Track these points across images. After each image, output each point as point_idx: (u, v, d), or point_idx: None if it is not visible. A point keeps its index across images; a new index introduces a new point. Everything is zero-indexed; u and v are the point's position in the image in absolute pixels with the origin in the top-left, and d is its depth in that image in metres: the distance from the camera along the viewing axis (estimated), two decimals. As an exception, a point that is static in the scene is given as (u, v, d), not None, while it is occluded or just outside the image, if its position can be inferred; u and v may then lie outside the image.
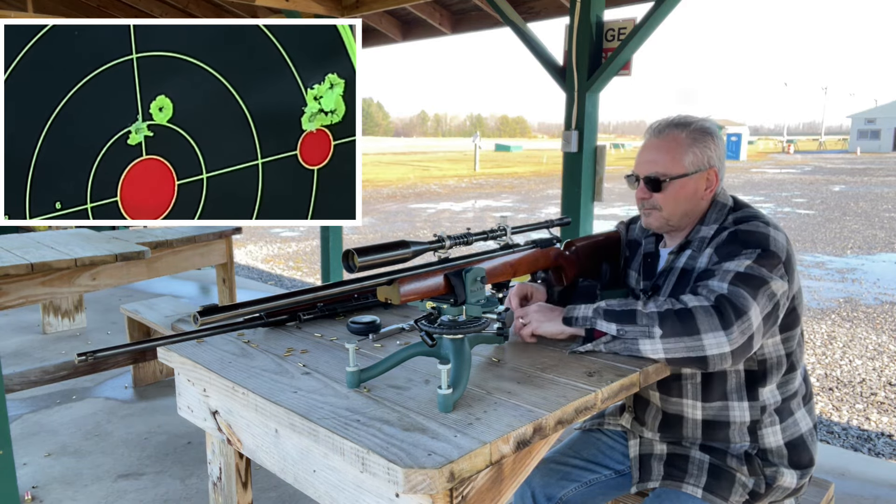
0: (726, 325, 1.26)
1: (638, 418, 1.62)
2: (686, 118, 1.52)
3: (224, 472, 1.53)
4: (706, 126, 1.51)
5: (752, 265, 1.34)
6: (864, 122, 55.44)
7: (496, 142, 73.51)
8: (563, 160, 3.74)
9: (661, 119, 1.55)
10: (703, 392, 1.49)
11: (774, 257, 1.36)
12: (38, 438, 3.15)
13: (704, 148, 1.48)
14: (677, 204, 1.50)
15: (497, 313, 1.28)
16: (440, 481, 0.94)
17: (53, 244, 3.20)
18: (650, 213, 1.53)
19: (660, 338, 1.29)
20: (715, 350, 1.26)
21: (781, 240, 1.40)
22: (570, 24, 3.56)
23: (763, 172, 27.68)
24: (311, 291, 1.15)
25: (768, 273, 1.34)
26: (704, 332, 1.26)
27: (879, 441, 3.57)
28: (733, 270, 1.34)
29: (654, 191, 1.50)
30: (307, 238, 10.86)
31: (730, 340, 1.26)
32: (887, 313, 6.17)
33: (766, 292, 1.32)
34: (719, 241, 1.44)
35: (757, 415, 1.49)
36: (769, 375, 1.48)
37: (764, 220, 1.45)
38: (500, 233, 1.46)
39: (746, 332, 1.27)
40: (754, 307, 1.29)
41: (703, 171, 1.49)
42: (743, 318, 1.27)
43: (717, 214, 1.51)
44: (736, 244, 1.39)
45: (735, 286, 1.30)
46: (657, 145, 1.51)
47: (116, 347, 1.38)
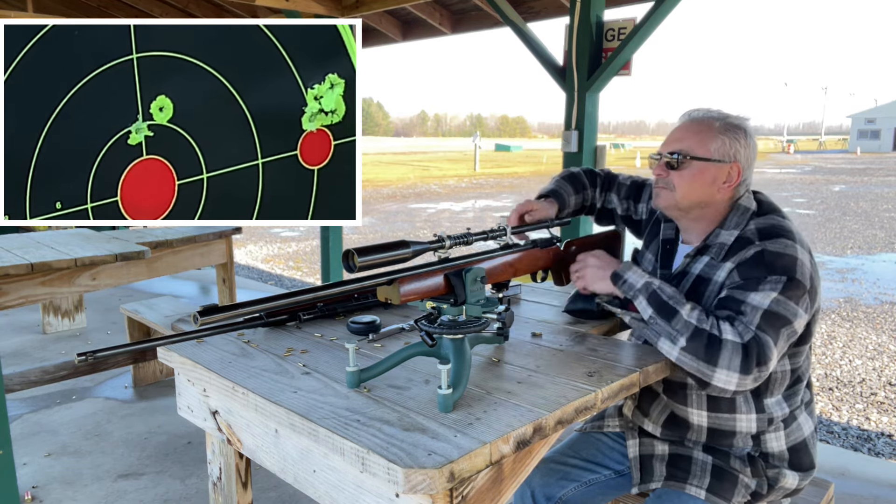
0: (745, 371, 1.27)
1: (642, 409, 1.59)
2: (725, 112, 1.49)
3: (224, 472, 1.53)
4: (742, 123, 1.48)
5: (778, 298, 1.30)
6: (864, 122, 55.44)
7: (496, 142, 73.52)
8: (563, 160, 3.74)
9: (699, 109, 1.53)
10: (709, 402, 1.48)
11: (800, 287, 1.32)
12: (38, 438, 3.15)
13: (734, 140, 1.44)
14: (692, 188, 1.44)
15: (497, 313, 1.28)
16: (440, 481, 0.94)
17: (53, 244, 3.20)
18: (661, 192, 1.48)
19: (680, 348, 1.31)
20: (721, 384, 1.29)
21: (807, 261, 1.35)
22: (570, 23, 3.56)
23: (763, 172, 27.67)
24: (311, 291, 1.16)
25: (794, 307, 1.31)
26: (721, 367, 1.27)
27: (879, 441, 3.57)
28: (760, 308, 1.30)
29: (672, 168, 1.46)
30: (307, 238, 10.86)
31: (738, 384, 1.28)
32: (887, 313, 6.17)
33: (787, 332, 1.31)
34: (743, 258, 1.38)
35: (764, 426, 1.48)
36: (773, 387, 1.47)
37: (790, 234, 1.39)
38: (500, 233, 1.46)
39: (759, 379, 1.29)
40: (775, 353, 1.29)
41: (726, 163, 1.43)
42: (763, 368, 1.28)
43: (739, 219, 1.45)
44: (762, 267, 1.34)
45: (762, 331, 1.28)
46: (688, 126, 1.48)
47: (116, 347, 1.37)
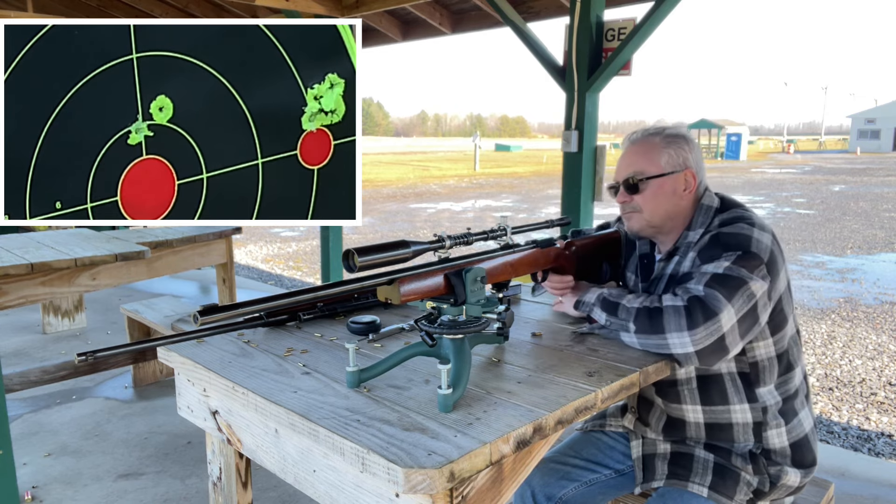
0: (692, 326, 1.30)
1: (642, 419, 1.62)
2: (660, 125, 1.57)
3: (224, 472, 1.53)
4: (680, 131, 1.56)
5: (731, 266, 1.35)
6: (864, 122, 55.43)
7: (496, 142, 73.51)
8: (563, 160, 3.74)
9: (636, 129, 1.61)
10: (702, 396, 1.49)
11: (755, 258, 1.37)
12: (38, 438, 3.15)
13: (679, 150, 1.52)
14: (657, 204, 1.52)
15: (497, 313, 1.29)
16: (440, 481, 0.94)
17: (53, 244, 3.20)
18: (631, 216, 1.56)
19: (634, 333, 1.38)
20: (679, 350, 1.32)
21: (765, 240, 1.41)
22: (570, 23, 3.56)
23: (763, 172, 27.68)
24: (311, 291, 1.15)
25: (748, 273, 1.34)
26: (669, 332, 1.32)
27: (879, 441, 3.57)
28: (711, 272, 1.36)
29: (633, 192, 1.53)
30: (307, 238, 10.86)
31: (693, 341, 1.30)
32: (887, 313, 6.17)
33: (745, 293, 1.33)
34: (702, 244, 1.46)
35: (759, 416, 1.49)
36: (763, 376, 1.48)
37: (749, 220, 1.45)
38: (500, 233, 1.46)
39: (714, 334, 1.30)
40: (727, 308, 1.30)
41: (679, 172, 1.52)
42: (712, 320, 1.29)
43: (704, 218, 1.52)
44: (717, 247, 1.41)
45: (710, 287, 1.33)
46: (633, 150, 1.56)
47: (116, 347, 1.37)
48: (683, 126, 1.58)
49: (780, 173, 27.20)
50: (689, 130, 1.59)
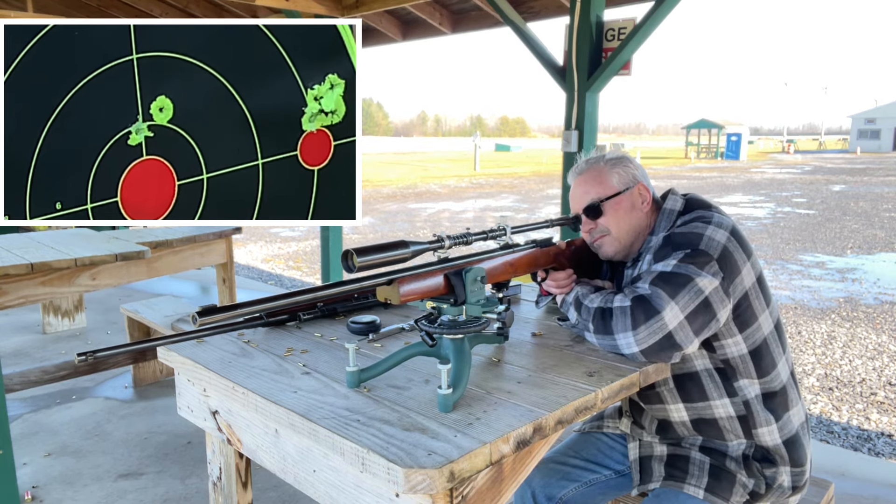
0: (635, 326, 1.33)
1: (637, 422, 1.63)
2: (597, 153, 1.64)
3: (224, 472, 1.53)
4: (618, 153, 1.64)
5: (678, 264, 1.37)
6: (864, 122, 55.41)
7: (496, 142, 73.53)
8: (562, 160, 3.74)
9: (576, 163, 1.67)
10: (681, 394, 1.50)
11: (704, 255, 1.38)
12: (38, 438, 3.15)
13: (625, 168, 1.58)
14: (622, 221, 1.56)
15: (497, 313, 1.29)
16: (440, 481, 0.94)
17: (53, 244, 3.20)
18: (602, 241, 1.59)
19: (593, 333, 1.41)
20: (626, 350, 1.35)
21: (718, 238, 1.41)
22: (570, 23, 3.56)
23: (763, 172, 27.68)
24: (311, 291, 1.15)
25: (696, 270, 1.36)
26: (616, 332, 1.35)
27: (879, 441, 3.57)
28: (658, 271, 1.38)
29: (596, 217, 1.57)
30: (307, 238, 10.86)
31: (637, 341, 1.32)
32: (887, 313, 6.17)
33: (692, 289, 1.34)
34: (656, 246, 1.48)
35: (741, 409, 1.47)
36: (738, 371, 1.46)
37: (705, 219, 1.46)
38: (500, 233, 1.46)
39: (658, 332, 1.31)
40: (670, 306, 1.32)
41: (632, 188, 1.57)
42: (654, 318, 1.31)
43: (667, 221, 1.55)
44: (668, 247, 1.43)
45: (655, 286, 1.35)
46: (583, 180, 1.61)
47: (116, 347, 1.37)
48: (622, 146, 1.63)
49: (781, 173, 27.21)
50: (627, 151, 1.68)
